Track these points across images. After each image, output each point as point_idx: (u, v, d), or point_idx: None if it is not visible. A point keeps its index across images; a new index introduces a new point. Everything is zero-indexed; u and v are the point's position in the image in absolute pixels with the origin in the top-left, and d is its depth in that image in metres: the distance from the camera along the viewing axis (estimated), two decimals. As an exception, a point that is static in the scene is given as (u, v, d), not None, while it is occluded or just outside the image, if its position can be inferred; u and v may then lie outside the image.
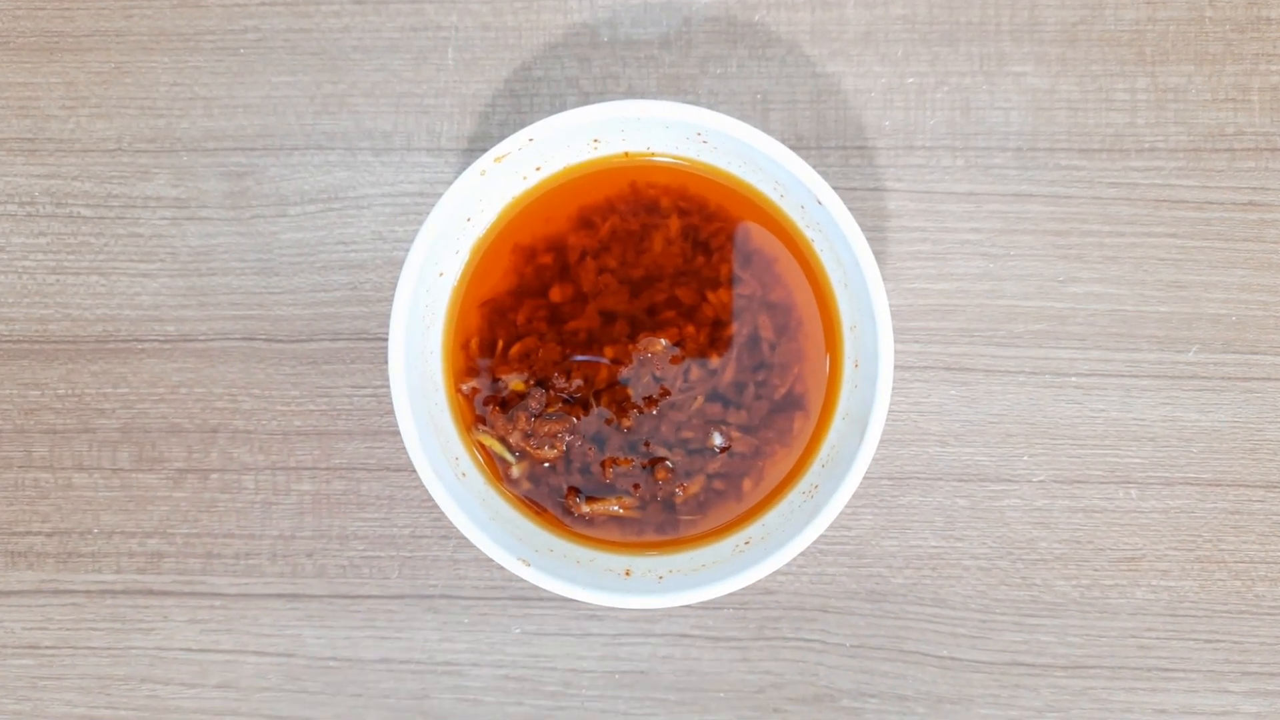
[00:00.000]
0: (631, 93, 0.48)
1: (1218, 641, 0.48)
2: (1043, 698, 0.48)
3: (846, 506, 0.48)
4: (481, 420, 0.45)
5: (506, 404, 0.45)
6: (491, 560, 0.47)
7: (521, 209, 0.45)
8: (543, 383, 0.45)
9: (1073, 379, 0.48)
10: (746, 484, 0.45)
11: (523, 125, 0.48)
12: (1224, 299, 0.48)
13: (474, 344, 0.45)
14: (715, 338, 0.45)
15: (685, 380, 0.45)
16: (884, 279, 0.46)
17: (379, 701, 0.49)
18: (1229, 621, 0.48)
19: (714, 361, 0.45)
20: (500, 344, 0.45)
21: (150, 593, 0.49)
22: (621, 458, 0.45)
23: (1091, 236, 0.48)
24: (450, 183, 0.46)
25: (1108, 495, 0.48)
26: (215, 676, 0.49)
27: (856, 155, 0.48)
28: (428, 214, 0.42)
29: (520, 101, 0.48)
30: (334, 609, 0.49)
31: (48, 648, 0.49)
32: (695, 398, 0.45)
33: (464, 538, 0.48)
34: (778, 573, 0.48)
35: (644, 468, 0.45)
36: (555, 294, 0.45)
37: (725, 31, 0.48)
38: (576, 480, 0.45)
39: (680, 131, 0.43)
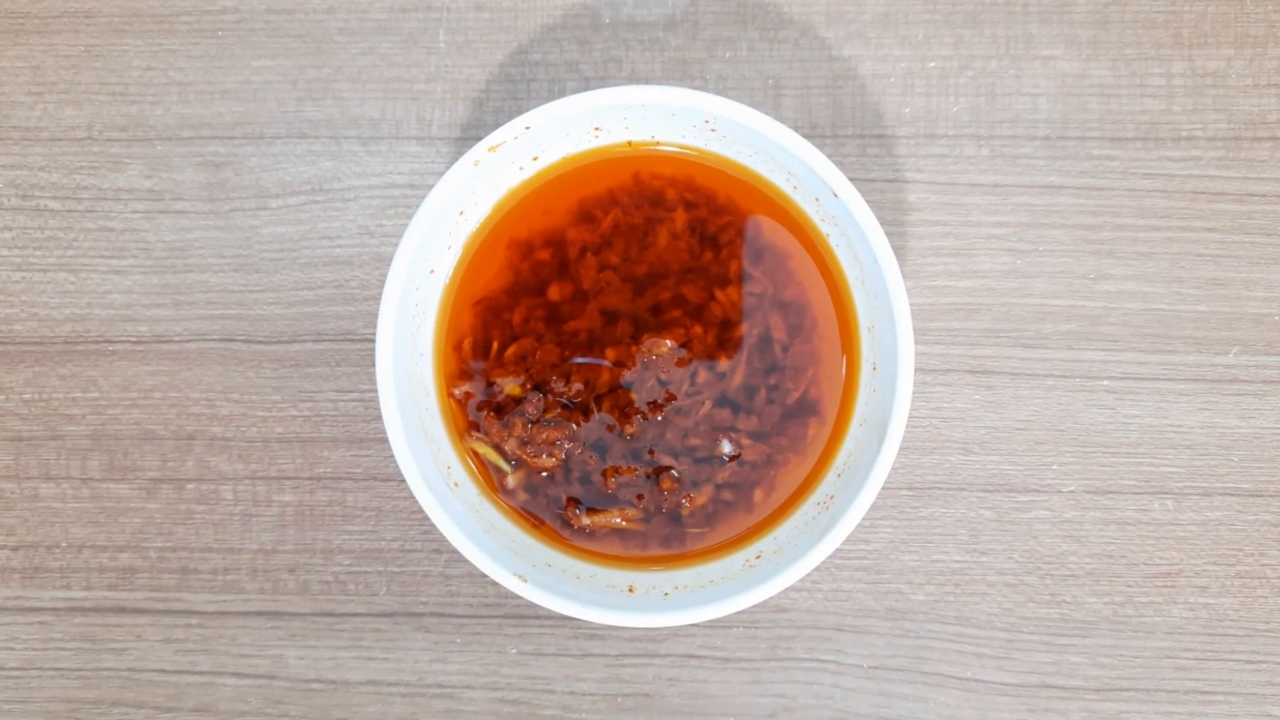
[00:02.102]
0: (635, 78, 0.48)
1: (1260, 663, 0.48)
2: (1073, 722, 0.48)
3: (864, 518, 0.48)
4: (475, 427, 0.45)
5: (502, 409, 0.45)
6: (486, 576, 0.47)
7: (518, 202, 0.45)
8: (540, 387, 0.44)
9: (1105, 383, 0.48)
10: (757, 494, 0.45)
11: (519, 112, 0.48)
12: (1266, 297, 0.48)
13: (467, 345, 0.45)
14: (724, 339, 0.44)
15: (692, 384, 0.45)
16: (904, 276, 0.47)
17: (366, 726, 0.48)
18: (1271, 641, 0.48)
19: (723, 364, 0.45)
20: (495, 345, 0.45)
21: (122, 610, 0.49)
22: (624, 466, 0.44)
23: (1125, 231, 0.48)
24: (442, 173, 0.46)
25: (1142, 507, 0.48)
26: (191, 700, 0.49)
27: (875, 144, 0.48)
28: (418, 207, 0.42)
29: (516, 87, 0.48)
30: (318, 628, 0.48)
31: (13, 669, 0.49)
32: (703, 403, 0.45)
33: (456, 552, 0.48)
34: (791, 589, 0.48)
35: (648, 477, 0.45)
36: (554, 292, 0.45)
37: (735, 12, 0.48)
38: (576, 491, 0.45)
39: (687, 119, 0.43)
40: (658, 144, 0.45)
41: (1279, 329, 0.48)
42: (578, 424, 0.44)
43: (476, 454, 0.45)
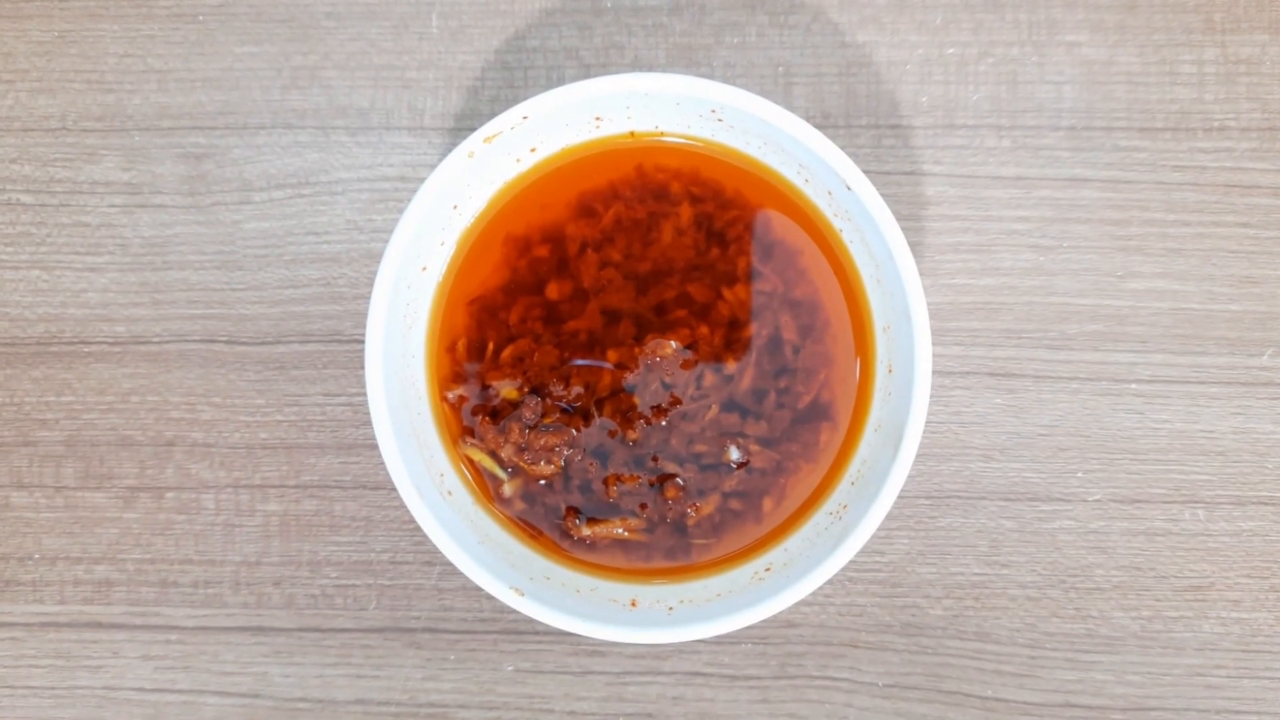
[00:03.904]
0: (638, 65, 0.48)
1: (1296, 681, 0.48)
2: (1099, 744, 0.48)
3: (879, 529, 0.48)
4: (470, 432, 0.45)
5: (498, 414, 0.44)
6: (481, 589, 0.47)
7: (514, 195, 0.45)
8: (538, 390, 0.44)
9: (1132, 386, 0.48)
10: (767, 504, 0.45)
11: (516, 101, 0.47)
12: (1302, 296, 0.48)
13: (461, 346, 0.45)
14: (732, 340, 0.44)
15: (698, 387, 0.44)
16: (921, 274, 0.47)
17: (354, 748, 0.48)
18: (1308, 658, 0.48)
19: (730, 366, 0.44)
20: (490, 347, 0.45)
21: (98, 625, 0.49)
22: (626, 474, 0.44)
23: (1154, 226, 0.48)
24: (435, 166, 0.46)
25: (1172, 516, 0.48)
26: (171, 719, 0.48)
27: (890, 135, 0.48)
28: (409, 201, 0.42)
29: (513, 75, 0.48)
30: (304, 644, 0.48)
31: (-17, 687, 0.49)
32: (709, 407, 0.44)
33: (450, 564, 0.48)
34: (801, 603, 0.48)
35: (652, 485, 0.44)
36: (552, 290, 0.45)
37: (743, -4, 0.48)
38: (576, 499, 0.44)
39: (692, 108, 0.42)
40: (662, 135, 0.45)
41: (1316, 329, 0.48)
42: (577, 429, 0.44)
43: (471, 461, 0.45)
